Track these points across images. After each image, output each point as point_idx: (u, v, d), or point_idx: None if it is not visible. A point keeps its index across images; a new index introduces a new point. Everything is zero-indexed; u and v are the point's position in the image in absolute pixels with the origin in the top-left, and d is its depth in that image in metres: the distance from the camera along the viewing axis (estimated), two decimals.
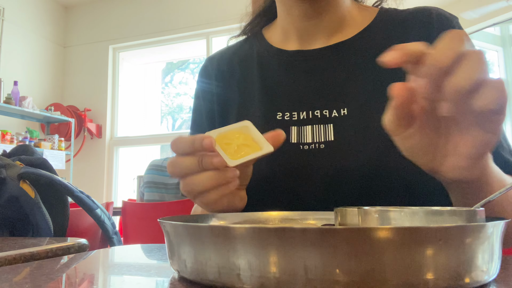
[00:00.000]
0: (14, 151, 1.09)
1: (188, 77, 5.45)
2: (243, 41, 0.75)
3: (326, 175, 0.57)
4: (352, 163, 0.56)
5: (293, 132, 0.61)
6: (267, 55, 0.69)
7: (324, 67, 0.63)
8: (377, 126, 0.57)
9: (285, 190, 0.59)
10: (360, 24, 0.65)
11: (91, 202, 1.07)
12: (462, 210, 0.32)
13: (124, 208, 2.19)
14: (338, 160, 0.57)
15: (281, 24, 0.69)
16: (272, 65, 0.67)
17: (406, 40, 0.61)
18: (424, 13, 0.63)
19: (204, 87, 0.73)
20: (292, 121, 0.62)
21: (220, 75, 0.71)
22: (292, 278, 0.26)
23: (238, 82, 0.69)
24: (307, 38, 0.66)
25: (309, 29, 0.66)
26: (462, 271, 0.26)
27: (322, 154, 0.58)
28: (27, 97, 4.01)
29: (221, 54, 0.75)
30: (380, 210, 0.34)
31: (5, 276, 0.36)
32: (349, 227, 0.25)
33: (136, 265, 0.44)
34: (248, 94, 0.67)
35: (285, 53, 0.67)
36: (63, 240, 0.63)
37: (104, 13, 4.91)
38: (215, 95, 0.71)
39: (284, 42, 0.69)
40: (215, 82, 0.72)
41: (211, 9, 4.39)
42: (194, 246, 0.30)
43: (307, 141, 0.59)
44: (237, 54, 0.73)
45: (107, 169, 4.73)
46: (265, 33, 0.73)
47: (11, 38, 4.37)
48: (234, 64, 0.71)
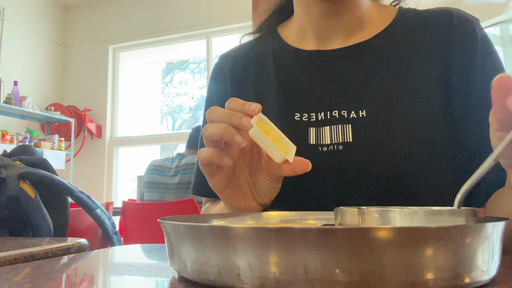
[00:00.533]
0: (14, 151, 1.09)
1: (188, 77, 5.45)
2: (257, 39, 0.73)
3: (344, 177, 0.56)
4: (371, 165, 0.55)
5: (311, 133, 0.60)
6: (283, 54, 0.67)
7: (342, 68, 0.62)
8: (396, 127, 0.56)
9: (303, 192, 0.58)
10: (379, 25, 0.64)
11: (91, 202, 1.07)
12: (462, 210, 0.33)
13: (124, 208, 2.19)
14: (356, 161, 0.56)
15: (298, 22, 0.68)
16: (289, 64, 0.66)
17: (427, 42, 0.61)
18: (445, 15, 0.62)
19: (217, 86, 0.72)
20: (310, 122, 0.60)
21: (235, 74, 0.70)
22: (292, 278, 0.26)
23: (253, 81, 0.68)
24: (325, 38, 0.65)
25: (327, 29, 0.64)
26: (462, 271, 0.26)
27: (340, 156, 0.57)
28: (27, 97, 4.01)
29: (235, 52, 0.73)
30: (380, 210, 0.34)
31: (5, 276, 0.36)
32: (349, 227, 0.25)
33: (136, 265, 0.44)
34: (264, 93, 0.66)
35: (303, 52, 0.66)
36: (63, 240, 0.63)
37: (104, 13, 4.91)
38: (229, 94, 0.69)
39: (301, 41, 0.67)
40: (230, 81, 0.70)
41: (211, 9, 4.39)
42: (194, 246, 0.30)
43: (325, 143, 0.58)
44: (252, 52, 0.71)
45: (107, 169, 4.73)
46: (280, 31, 0.71)
47: (11, 38, 4.37)
48: (249, 63, 0.70)
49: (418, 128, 0.56)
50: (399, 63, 0.61)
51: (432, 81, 0.58)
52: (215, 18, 4.36)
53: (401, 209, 0.33)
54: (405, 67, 0.60)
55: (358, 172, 0.56)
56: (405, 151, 0.55)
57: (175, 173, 2.27)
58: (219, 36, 4.46)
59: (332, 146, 0.58)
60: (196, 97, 5.27)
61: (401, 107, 0.57)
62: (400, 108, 0.57)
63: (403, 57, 0.61)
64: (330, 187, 0.57)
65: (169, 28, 4.59)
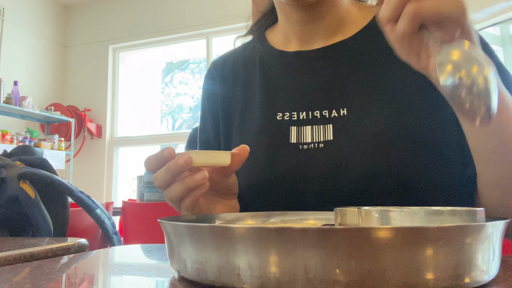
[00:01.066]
0: (14, 151, 1.09)
1: (188, 77, 5.45)
2: (247, 44, 0.76)
3: (324, 174, 0.57)
4: (350, 162, 0.56)
5: (292, 132, 0.61)
6: (268, 57, 0.70)
7: (323, 67, 0.64)
8: (376, 125, 0.57)
9: (284, 190, 0.59)
10: (360, 24, 0.65)
11: (91, 202, 1.07)
12: (462, 210, 0.32)
13: (124, 208, 2.19)
14: (336, 159, 0.57)
15: (281, 27, 0.70)
16: (273, 66, 0.68)
17: None
18: None
19: (209, 92, 0.75)
20: (291, 121, 0.62)
21: (224, 80, 0.73)
22: (292, 278, 0.26)
23: (242, 85, 0.70)
24: (307, 40, 0.67)
25: (308, 32, 0.66)
26: (462, 271, 0.26)
27: (321, 153, 0.58)
28: (27, 97, 4.01)
29: (225, 58, 0.76)
30: (380, 210, 0.34)
31: (5, 276, 0.36)
32: (349, 227, 0.25)
33: (136, 265, 0.44)
34: (250, 96, 0.68)
35: (286, 54, 0.68)
36: (63, 240, 0.63)
37: (104, 13, 4.91)
38: (219, 100, 0.72)
39: (285, 44, 0.69)
40: (220, 87, 0.73)
41: (211, 9, 4.39)
42: (194, 246, 0.30)
43: (306, 141, 0.60)
44: (241, 57, 0.74)
45: (107, 169, 4.73)
46: (267, 35, 0.74)
47: (11, 38, 4.37)
48: (238, 67, 0.72)
49: (397, 125, 0.56)
50: (378, 61, 0.61)
51: (412, 76, 0.58)
52: (215, 18, 4.36)
53: (401, 209, 0.33)
54: (385, 64, 0.61)
55: (337, 169, 0.57)
56: (384, 148, 0.56)
57: None
58: (219, 36, 4.46)
59: (312, 144, 0.59)
60: (196, 97, 5.26)
61: (382, 105, 0.58)
62: (381, 105, 0.58)
63: (382, 54, 0.61)
64: (310, 184, 0.58)
65: (169, 28, 4.59)
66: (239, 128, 0.67)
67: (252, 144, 0.57)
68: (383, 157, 0.55)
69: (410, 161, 0.55)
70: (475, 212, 0.33)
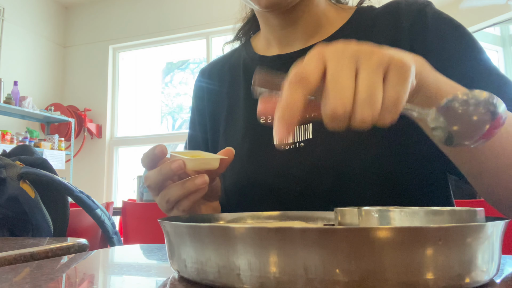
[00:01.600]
0: (14, 151, 1.09)
1: (188, 77, 5.45)
2: (234, 51, 0.79)
3: (304, 173, 0.59)
4: (328, 160, 0.58)
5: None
6: (251, 62, 0.72)
7: None
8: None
9: (267, 189, 0.61)
10: (337, 24, 0.66)
11: (91, 202, 1.07)
12: (462, 210, 0.32)
13: (124, 208, 2.19)
14: (315, 157, 0.58)
15: (263, 33, 0.72)
16: (255, 71, 0.69)
17: (377, 36, 0.61)
18: (392, 6, 0.63)
19: (197, 99, 0.78)
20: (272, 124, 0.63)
21: (211, 87, 0.76)
22: (292, 278, 0.26)
23: (227, 91, 0.73)
24: (286, 44, 0.68)
25: (287, 37, 0.68)
26: (462, 271, 0.26)
27: (301, 152, 0.60)
28: (27, 97, 4.01)
29: (212, 66, 0.79)
30: (380, 210, 0.34)
31: (5, 276, 0.36)
32: (349, 227, 0.25)
33: (136, 265, 0.44)
34: (234, 100, 0.71)
35: (266, 58, 0.70)
36: (63, 240, 0.63)
37: (104, 13, 4.91)
38: (206, 107, 0.75)
39: (266, 49, 0.72)
40: (206, 95, 0.76)
41: (211, 9, 4.39)
42: (194, 246, 0.30)
43: (288, 141, 0.61)
44: (227, 63, 0.76)
45: (107, 169, 4.73)
46: (253, 41, 0.76)
47: (11, 38, 4.37)
48: (224, 74, 0.75)
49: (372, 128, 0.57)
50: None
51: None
52: (215, 18, 4.36)
53: (401, 209, 0.33)
54: None
55: (318, 166, 0.58)
56: (361, 146, 0.56)
57: None
58: (219, 36, 4.46)
59: (294, 144, 0.61)
60: None
61: None
62: None
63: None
64: (291, 183, 0.59)
65: (169, 28, 4.59)
66: (225, 133, 0.70)
67: (236, 147, 0.59)
68: (360, 155, 0.56)
69: (387, 158, 0.56)
70: (475, 212, 0.33)
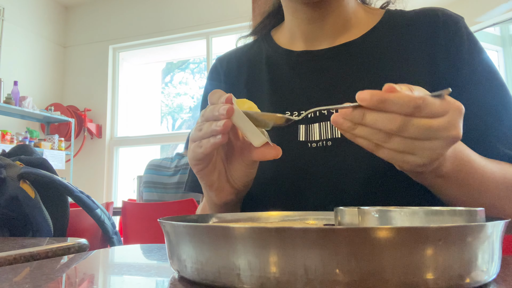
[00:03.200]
0: (13, 151, 1.09)
1: (188, 77, 5.45)
2: (252, 43, 0.76)
3: (331, 172, 0.57)
4: (358, 160, 0.56)
5: (301, 130, 0.61)
6: (275, 55, 0.70)
7: (330, 67, 0.64)
8: None
9: (291, 187, 0.59)
10: (366, 26, 0.66)
11: (91, 202, 1.07)
12: (462, 210, 0.32)
13: (124, 208, 2.19)
14: (344, 157, 0.57)
15: (288, 26, 0.70)
16: (280, 65, 0.68)
17: (412, 41, 0.62)
18: (430, 14, 0.63)
19: (212, 85, 0.75)
20: (300, 120, 0.62)
21: (229, 75, 0.73)
22: (292, 278, 0.26)
23: (246, 82, 0.70)
24: (313, 40, 0.67)
25: (314, 32, 0.66)
26: (462, 271, 0.26)
27: (329, 151, 0.58)
28: (27, 97, 4.01)
29: (230, 55, 0.76)
30: (380, 210, 0.34)
31: (5, 276, 0.36)
32: (349, 227, 0.25)
33: (136, 265, 0.44)
34: (256, 93, 0.68)
35: (293, 53, 0.68)
36: (63, 240, 0.63)
37: (104, 13, 4.91)
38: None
39: (291, 43, 0.70)
40: (223, 82, 0.73)
41: (211, 9, 4.39)
42: (194, 246, 0.30)
43: (314, 139, 0.60)
44: (247, 55, 0.74)
45: (107, 169, 4.73)
46: (273, 34, 0.74)
47: (11, 38, 4.37)
48: (242, 65, 0.73)
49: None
50: (386, 62, 0.62)
51: (418, 80, 0.59)
52: (215, 18, 4.36)
53: (401, 209, 0.33)
54: (392, 66, 0.61)
55: (345, 168, 0.57)
56: None
57: (174, 173, 2.27)
58: (219, 36, 4.46)
59: (321, 142, 0.59)
60: (196, 97, 5.26)
61: None
62: None
63: (389, 56, 0.62)
64: (317, 183, 0.58)
65: (169, 28, 4.59)
66: None
67: None
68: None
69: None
70: (475, 212, 0.33)
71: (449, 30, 0.61)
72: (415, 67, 0.60)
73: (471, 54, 0.60)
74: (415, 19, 0.64)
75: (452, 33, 0.60)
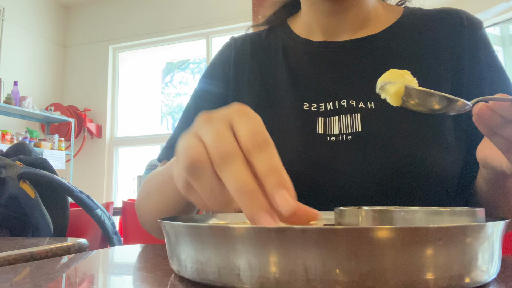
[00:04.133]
0: (11, 150, 1.09)
1: (188, 77, 5.45)
2: (267, 31, 0.74)
3: (352, 168, 0.56)
4: (379, 156, 0.55)
5: (320, 123, 0.59)
6: (293, 44, 0.68)
7: (350, 59, 0.63)
8: (403, 120, 0.57)
9: (311, 182, 0.57)
10: (386, 22, 0.65)
11: (91, 202, 1.07)
12: (462, 210, 0.33)
13: (124, 208, 2.19)
14: (365, 152, 0.56)
15: (305, 18, 0.69)
16: (299, 55, 0.67)
17: (437, 41, 0.62)
18: (454, 16, 0.63)
19: (224, 57, 0.71)
20: (319, 112, 0.60)
21: (240, 55, 0.70)
22: (292, 278, 0.26)
23: (261, 68, 0.68)
24: (332, 32, 0.66)
25: (333, 25, 0.65)
26: (462, 271, 0.26)
27: (349, 146, 0.56)
28: (27, 97, 4.01)
29: (245, 37, 0.73)
30: (380, 210, 0.34)
31: (5, 276, 0.36)
32: (349, 227, 0.25)
33: (136, 265, 0.44)
34: (272, 80, 0.66)
35: (311, 43, 0.66)
36: (63, 240, 0.63)
37: (104, 13, 4.91)
38: (231, 74, 0.69)
39: (309, 34, 0.68)
40: (233, 64, 0.70)
41: (211, 9, 4.39)
42: (194, 246, 0.30)
43: (334, 132, 0.58)
44: (262, 42, 0.71)
45: (107, 169, 4.73)
46: (289, 23, 0.72)
47: (11, 38, 4.37)
48: (258, 48, 0.70)
49: (425, 123, 0.56)
50: (408, 58, 0.61)
51: (441, 78, 0.59)
52: (215, 18, 4.36)
53: (401, 209, 0.33)
54: (414, 62, 0.61)
55: (366, 163, 0.55)
56: (412, 145, 0.55)
57: None
58: (219, 36, 4.46)
59: (340, 136, 0.57)
60: None
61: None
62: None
63: (412, 52, 0.62)
64: (337, 178, 0.56)
65: (169, 28, 4.58)
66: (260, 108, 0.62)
67: (278, 133, 0.55)
68: (412, 152, 0.54)
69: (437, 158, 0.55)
70: (475, 212, 0.33)
71: (474, 35, 0.61)
72: (437, 65, 0.60)
73: (490, 60, 0.61)
74: (438, 18, 0.63)
75: (476, 38, 0.61)
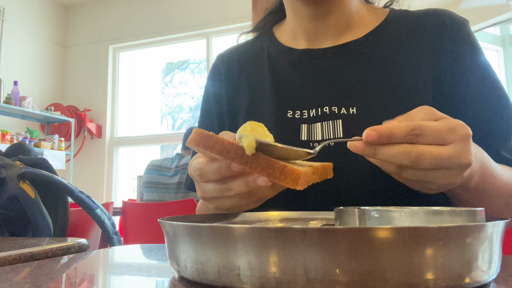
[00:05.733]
0: (10, 150, 1.09)
1: (188, 77, 5.45)
2: (254, 39, 0.75)
3: (335, 172, 0.56)
4: (361, 161, 0.55)
5: (303, 129, 0.61)
6: (277, 53, 0.69)
7: (332, 66, 0.64)
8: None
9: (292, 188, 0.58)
10: (369, 25, 0.65)
11: (91, 202, 1.07)
12: (462, 210, 0.32)
13: (124, 208, 2.19)
14: (347, 157, 0.56)
15: (290, 24, 0.70)
16: (283, 63, 0.68)
17: (417, 42, 0.62)
18: (436, 16, 0.63)
19: (214, 85, 0.74)
20: (302, 119, 0.61)
21: (230, 73, 0.72)
22: (292, 278, 0.26)
23: (248, 79, 0.69)
24: (315, 38, 0.66)
25: (316, 30, 0.66)
26: (462, 271, 0.26)
27: (331, 152, 0.58)
28: (27, 97, 4.01)
29: (231, 52, 0.75)
30: (380, 210, 0.34)
31: (5, 276, 0.36)
32: (349, 227, 0.25)
33: (136, 265, 0.44)
34: (258, 91, 0.67)
35: (295, 51, 0.67)
36: (63, 240, 0.63)
37: (104, 13, 4.91)
38: (224, 94, 0.71)
39: (293, 41, 0.69)
40: (225, 80, 0.72)
41: (211, 9, 4.39)
42: (194, 246, 0.30)
43: (317, 139, 0.59)
44: (248, 52, 0.73)
45: (107, 169, 4.73)
46: (275, 31, 0.73)
47: (11, 38, 4.37)
48: (245, 62, 0.72)
49: None
50: (390, 61, 0.61)
51: (422, 80, 0.59)
52: (215, 18, 4.36)
53: (401, 209, 0.33)
54: (395, 66, 0.61)
55: (348, 168, 0.56)
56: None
57: (175, 173, 2.27)
58: (219, 36, 4.46)
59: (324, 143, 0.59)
60: (196, 97, 5.26)
61: (391, 105, 0.58)
62: (390, 106, 0.58)
63: (393, 56, 0.62)
64: (320, 182, 0.57)
65: (169, 28, 4.59)
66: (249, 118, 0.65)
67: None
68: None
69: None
70: (475, 212, 0.33)
71: (456, 35, 0.61)
72: (418, 68, 0.60)
73: (473, 56, 0.60)
74: (420, 20, 0.63)
75: (459, 39, 0.60)
